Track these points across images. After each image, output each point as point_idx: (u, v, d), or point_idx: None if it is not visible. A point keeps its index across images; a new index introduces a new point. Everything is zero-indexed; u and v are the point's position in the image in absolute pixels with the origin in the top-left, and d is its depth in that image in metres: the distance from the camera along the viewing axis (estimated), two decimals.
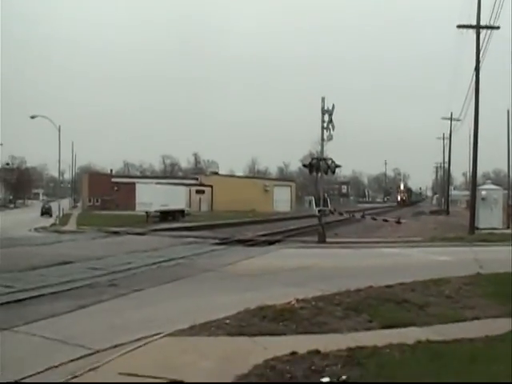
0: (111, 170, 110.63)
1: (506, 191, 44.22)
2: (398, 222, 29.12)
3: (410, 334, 7.98)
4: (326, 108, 25.45)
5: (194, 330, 8.17)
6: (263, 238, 28.58)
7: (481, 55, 30.51)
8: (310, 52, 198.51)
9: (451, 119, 66.51)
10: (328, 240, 25.96)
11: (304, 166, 32.81)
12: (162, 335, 7.98)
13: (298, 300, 9.93)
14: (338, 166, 28.13)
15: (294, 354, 6.75)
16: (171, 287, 13.62)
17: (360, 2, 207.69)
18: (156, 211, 44.91)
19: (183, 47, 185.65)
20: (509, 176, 56.68)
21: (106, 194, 77.54)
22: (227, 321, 8.63)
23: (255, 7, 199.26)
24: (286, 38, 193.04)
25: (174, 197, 48.34)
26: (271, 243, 26.57)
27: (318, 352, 6.83)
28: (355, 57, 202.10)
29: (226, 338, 7.87)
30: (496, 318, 9.31)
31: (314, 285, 12.61)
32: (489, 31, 29.59)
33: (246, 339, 7.84)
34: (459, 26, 30.44)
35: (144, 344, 7.59)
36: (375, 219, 33.91)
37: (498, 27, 28.76)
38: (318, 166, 26.42)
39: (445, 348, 7.35)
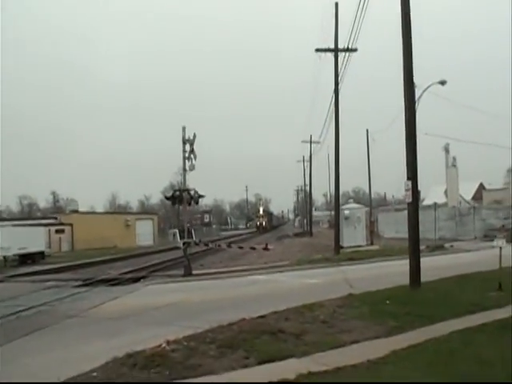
0: None
1: (367, 208, 46.41)
2: (266, 249, 29.15)
3: (290, 367, 7.64)
4: (186, 138, 25.02)
5: None
6: (128, 276, 27.53)
7: (339, 78, 31.69)
8: (168, 79, 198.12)
9: (311, 142, 68.16)
10: (194, 272, 25.44)
11: (166, 198, 32.26)
12: None
13: (168, 342, 9.32)
14: (201, 196, 27.85)
15: None
16: (32, 339, 12.43)
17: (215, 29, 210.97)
18: (14, 255, 42.71)
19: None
20: (370, 194, 59.62)
21: None
22: (94, 373, 7.86)
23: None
24: (143, 63, 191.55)
25: (33, 238, 46.16)
26: (136, 280, 25.59)
27: None
28: (214, 84, 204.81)
29: None
30: (375, 339, 9.29)
31: (184, 323, 12.01)
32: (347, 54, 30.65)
33: None
34: (318, 50, 31.41)
35: None
36: (241, 248, 33.89)
37: (355, 49, 29.80)
38: (181, 197, 26.00)
39: (328, 379, 7.08)
